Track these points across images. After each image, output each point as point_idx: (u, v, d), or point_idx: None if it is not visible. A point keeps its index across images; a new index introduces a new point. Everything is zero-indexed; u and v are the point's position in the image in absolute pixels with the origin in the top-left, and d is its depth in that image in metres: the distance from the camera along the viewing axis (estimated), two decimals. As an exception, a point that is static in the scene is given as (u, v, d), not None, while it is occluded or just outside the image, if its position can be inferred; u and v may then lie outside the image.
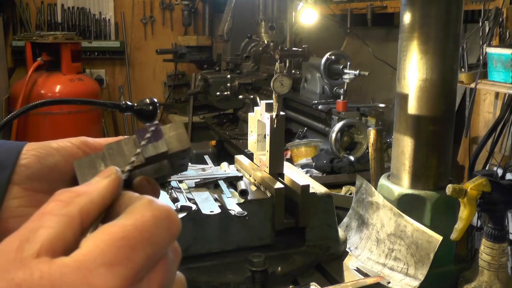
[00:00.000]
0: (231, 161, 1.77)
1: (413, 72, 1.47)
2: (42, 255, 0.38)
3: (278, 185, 1.44)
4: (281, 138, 1.54)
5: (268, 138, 1.52)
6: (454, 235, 1.36)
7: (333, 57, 3.15)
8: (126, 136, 0.60)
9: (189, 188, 1.47)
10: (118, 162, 0.53)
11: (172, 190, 1.41)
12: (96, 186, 0.44)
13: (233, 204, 1.38)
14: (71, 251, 0.39)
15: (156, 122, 0.57)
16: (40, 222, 0.40)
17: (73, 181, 0.59)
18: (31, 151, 0.59)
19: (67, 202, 0.41)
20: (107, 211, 0.44)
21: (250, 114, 1.67)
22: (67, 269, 0.37)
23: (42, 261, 0.37)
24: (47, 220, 0.40)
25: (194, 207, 1.34)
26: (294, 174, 1.53)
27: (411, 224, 1.44)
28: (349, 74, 2.90)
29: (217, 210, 1.33)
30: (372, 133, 1.79)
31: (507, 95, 2.48)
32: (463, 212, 1.33)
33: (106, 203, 0.44)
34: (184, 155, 0.57)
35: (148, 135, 0.54)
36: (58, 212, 0.40)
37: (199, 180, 1.51)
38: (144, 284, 0.40)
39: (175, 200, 1.37)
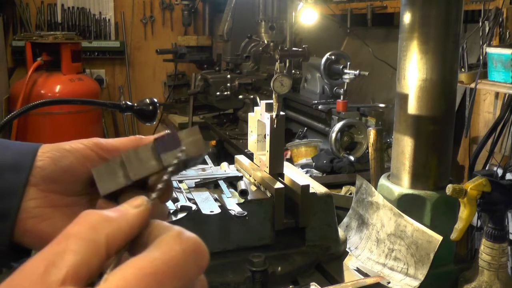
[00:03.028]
0: (231, 161, 1.77)
1: (413, 72, 1.47)
2: (67, 283, 0.36)
3: (278, 185, 1.44)
4: (281, 138, 1.54)
5: (268, 138, 1.52)
6: (454, 235, 1.36)
7: (333, 57, 3.15)
8: (136, 136, 0.61)
9: (189, 188, 1.47)
10: (137, 170, 0.53)
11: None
12: (125, 214, 0.43)
13: (233, 204, 1.38)
14: (94, 279, 0.38)
15: (173, 129, 0.56)
16: (66, 245, 0.38)
17: (87, 183, 0.60)
18: (46, 153, 0.60)
19: (94, 226, 0.40)
20: (133, 240, 0.43)
21: (250, 114, 1.67)
22: None
23: None
24: (73, 243, 0.38)
25: (194, 207, 1.34)
26: (294, 174, 1.53)
27: (411, 224, 1.44)
28: (349, 74, 2.89)
29: (217, 210, 1.33)
30: (372, 133, 1.79)
31: (507, 95, 2.48)
32: (463, 212, 1.33)
33: (133, 233, 0.42)
34: (198, 158, 0.57)
35: (166, 143, 0.54)
36: (84, 236, 0.39)
37: (199, 180, 1.51)
38: None
39: (175, 200, 1.37)
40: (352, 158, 2.71)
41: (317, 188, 1.51)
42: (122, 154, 0.55)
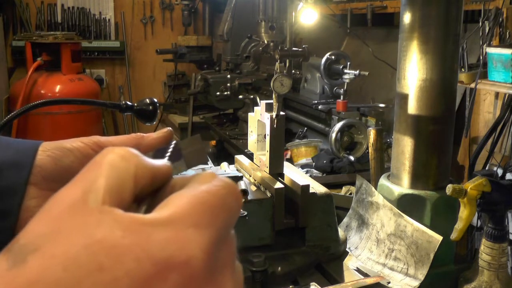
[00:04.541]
0: (231, 161, 1.77)
1: (413, 72, 1.47)
2: (106, 204, 0.35)
3: (278, 185, 1.44)
4: (281, 138, 1.54)
5: (268, 138, 1.52)
6: (454, 235, 1.36)
7: (333, 57, 3.15)
8: (137, 134, 0.61)
9: (189, 188, 1.47)
10: None
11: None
12: (150, 160, 0.42)
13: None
14: (127, 209, 0.36)
15: (175, 141, 0.56)
16: (99, 171, 0.37)
17: None
18: (47, 152, 0.59)
19: (124, 156, 0.39)
20: (157, 191, 0.42)
21: (250, 114, 1.67)
22: (155, 226, 0.34)
23: (118, 214, 0.35)
24: (105, 169, 0.37)
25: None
26: (294, 174, 1.53)
27: (411, 224, 1.44)
28: (349, 74, 2.89)
29: None
30: (372, 133, 1.79)
31: (507, 95, 2.48)
32: (463, 212, 1.33)
33: (158, 175, 0.41)
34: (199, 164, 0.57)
35: (167, 155, 0.53)
36: (116, 163, 0.38)
37: (199, 180, 1.51)
38: (222, 253, 0.38)
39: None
40: (352, 158, 2.71)
41: (317, 188, 1.51)
42: None
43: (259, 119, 1.59)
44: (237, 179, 1.54)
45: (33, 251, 0.33)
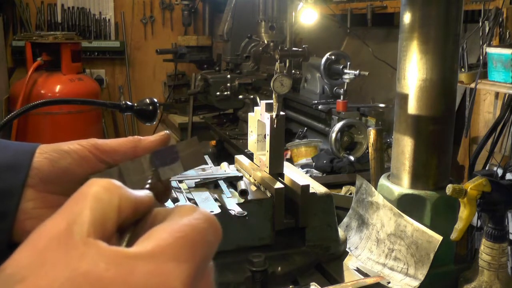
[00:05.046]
0: (231, 161, 1.77)
1: (413, 72, 1.47)
2: (91, 237, 0.36)
3: (278, 185, 1.44)
4: (281, 138, 1.54)
5: (268, 138, 1.52)
6: (454, 235, 1.36)
7: (333, 57, 3.15)
8: (134, 137, 0.61)
9: (189, 188, 1.47)
10: (134, 181, 0.53)
11: (172, 190, 1.41)
12: (133, 191, 0.43)
13: (233, 204, 1.38)
14: (109, 240, 0.37)
15: (173, 144, 0.56)
16: (84, 203, 0.38)
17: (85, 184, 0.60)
18: (44, 154, 0.59)
19: (108, 188, 0.40)
20: (139, 221, 0.43)
21: (250, 114, 1.67)
22: (138, 260, 0.35)
23: (102, 247, 0.35)
24: (90, 201, 0.38)
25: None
26: (294, 174, 1.53)
27: (411, 224, 1.44)
28: (349, 74, 2.89)
29: (217, 210, 1.32)
30: (372, 133, 1.79)
31: (507, 95, 2.48)
32: (463, 212, 1.33)
33: (140, 207, 0.42)
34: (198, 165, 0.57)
35: (164, 157, 0.54)
36: (101, 196, 0.39)
37: (199, 180, 1.51)
38: (200, 285, 0.39)
39: (175, 200, 1.37)
40: (352, 158, 2.71)
41: (317, 188, 1.51)
42: (120, 164, 0.55)
43: (259, 119, 1.59)
44: (237, 179, 1.54)
45: (19, 281, 0.33)
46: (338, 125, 2.75)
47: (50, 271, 0.34)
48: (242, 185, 1.48)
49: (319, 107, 3.08)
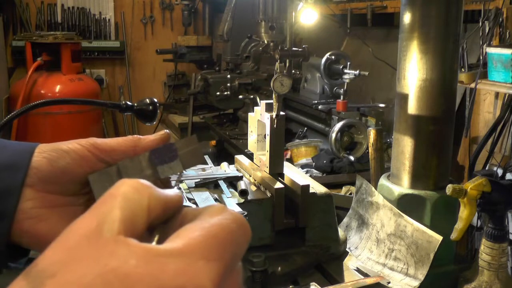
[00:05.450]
0: (231, 161, 1.77)
1: (413, 72, 1.47)
2: (121, 235, 0.36)
3: (278, 185, 1.44)
4: (281, 138, 1.54)
5: (268, 138, 1.52)
6: (454, 235, 1.36)
7: (333, 57, 3.15)
8: (134, 136, 0.61)
9: (189, 188, 1.47)
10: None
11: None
12: (163, 190, 0.43)
13: (233, 204, 1.38)
14: (140, 239, 0.38)
15: (171, 142, 0.56)
16: (113, 203, 0.38)
17: (84, 183, 0.60)
18: (43, 153, 0.59)
19: (138, 189, 0.40)
20: (168, 220, 0.43)
21: (250, 114, 1.67)
22: (168, 257, 0.36)
23: (132, 244, 0.36)
24: (119, 201, 0.38)
25: (194, 207, 1.34)
26: (294, 174, 1.53)
27: (411, 224, 1.44)
28: (349, 74, 2.90)
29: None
30: (372, 133, 1.79)
31: (507, 95, 2.48)
32: (463, 212, 1.33)
33: (170, 206, 0.43)
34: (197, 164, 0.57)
35: (163, 155, 0.53)
36: (130, 196, 0.39)
37: (199, 180, 1.51)
38: (228, 284, 0.39)
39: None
40: (352, 158, 2.71)
41: (317, 188, 1.51)
42: (119, 162, 0.55)
43: (259, 119, 1.59)
44: (237, 179, 1.54)
45: (50, 276, 0.34)
46: (338, 125, 2.75)
47: (80, 267, 0.34)
48: (242, 185, 1.48)
49: (319, 107, 3.08)
